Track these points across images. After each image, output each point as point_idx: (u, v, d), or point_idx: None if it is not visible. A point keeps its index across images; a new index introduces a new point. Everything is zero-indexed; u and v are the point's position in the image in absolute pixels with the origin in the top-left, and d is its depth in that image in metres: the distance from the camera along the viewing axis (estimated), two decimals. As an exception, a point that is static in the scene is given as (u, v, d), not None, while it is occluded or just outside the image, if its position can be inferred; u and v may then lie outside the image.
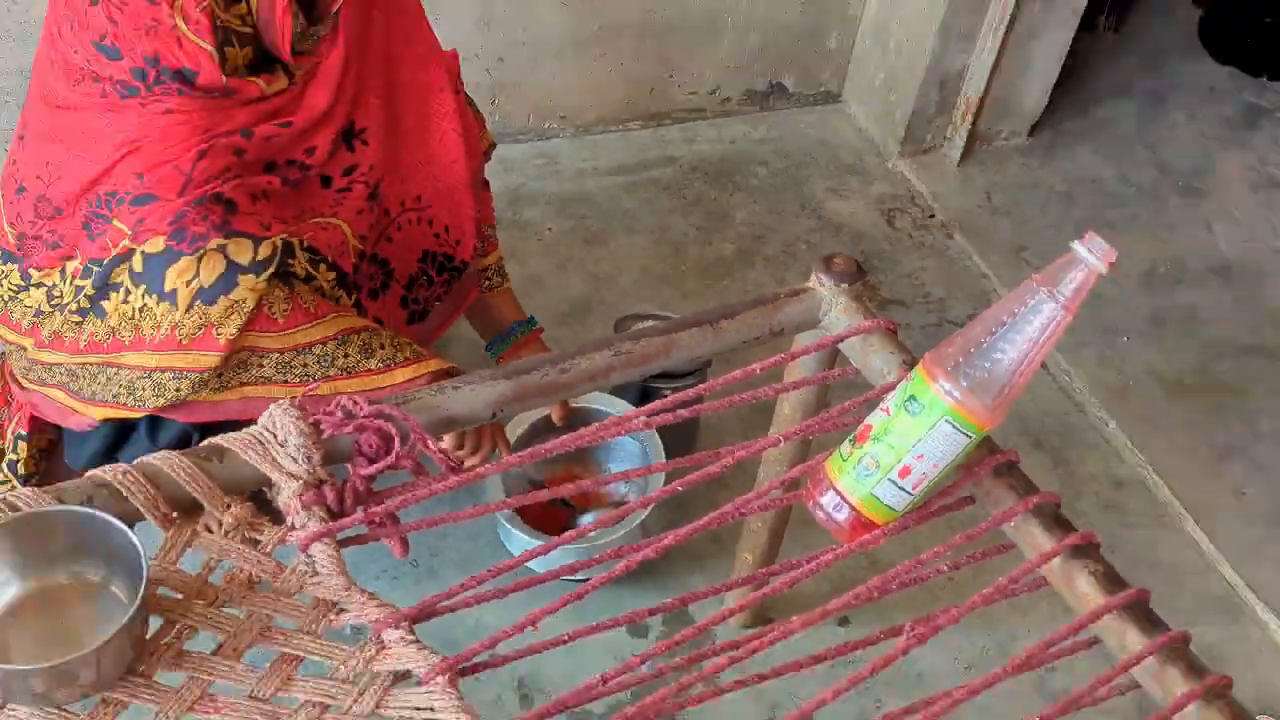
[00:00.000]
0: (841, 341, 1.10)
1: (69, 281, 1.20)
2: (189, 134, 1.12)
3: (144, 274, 1.14)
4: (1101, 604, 0.88)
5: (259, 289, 1.14)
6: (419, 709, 0.78)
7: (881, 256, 2.00)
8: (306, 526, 0.88)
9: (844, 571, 1.06)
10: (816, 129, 2.26)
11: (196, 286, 1.12)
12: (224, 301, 1.13)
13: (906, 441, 0.90)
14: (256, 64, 1.18)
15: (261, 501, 0.92)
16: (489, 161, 1.52)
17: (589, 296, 1.87)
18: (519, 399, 1.04)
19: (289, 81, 1.19)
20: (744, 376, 1.05)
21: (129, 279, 1.16)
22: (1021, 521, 0.95)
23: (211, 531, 0.89)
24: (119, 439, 1.26)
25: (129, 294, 1.17)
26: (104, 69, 1.11)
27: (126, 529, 0.80)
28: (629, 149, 2.15)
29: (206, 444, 0.92)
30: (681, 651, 0.88)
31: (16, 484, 1.33)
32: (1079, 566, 0.91)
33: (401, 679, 0.80)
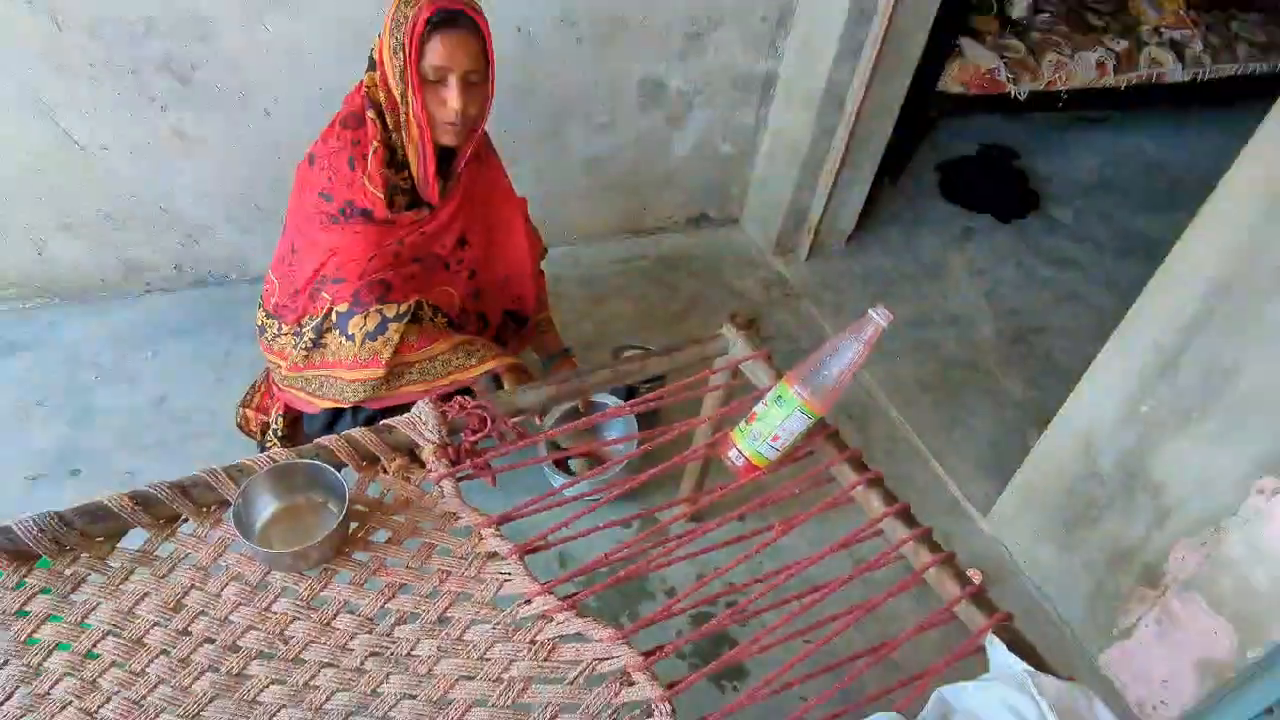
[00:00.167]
0: (740, 363, 1.39)
1: (303, 330, 1.49)
2: (366, 245, 1.42)
3: (338, 324, 1.45)
4: (883, 511, 1.14)
5: (399, 329, 1.44)
6: (502, 573, 1.02)
7: (762, 312, 2.48)
8: (438, 470, 1.11)
9: (741, 493, 1.19)
10: (727, 240, 2.77)
11: (365, 331, 1.43)
12: (382, 339, 1.43)
13: (775, 421, 1.12)
14: (409, 204, 1.47)
15: (413, 456, 1.14)
16: (543, 259, 1.83)
17: (598, 335, 2.28)
18: (558, 397, 1.30)
19: (428, 211, 1.49)
20: (685, 384, 1.34)
21: (333, 327, 1.46)
22: (839, 466, 1.21)
23: (385, 473, 1.12)
24: (334, 418, 1.56)
25: (333, 336, 1.46)
26: (323, 207, 1.41)
27: (336, 471, 1.05)
28: (621, 250, 2.63)
29: (382, 423, 1.15)
30: (650, 539, 1.10)
31: (278, 444, 1.62)
32: (872, 491, 1.17)
33: (492, 557, 1.04)
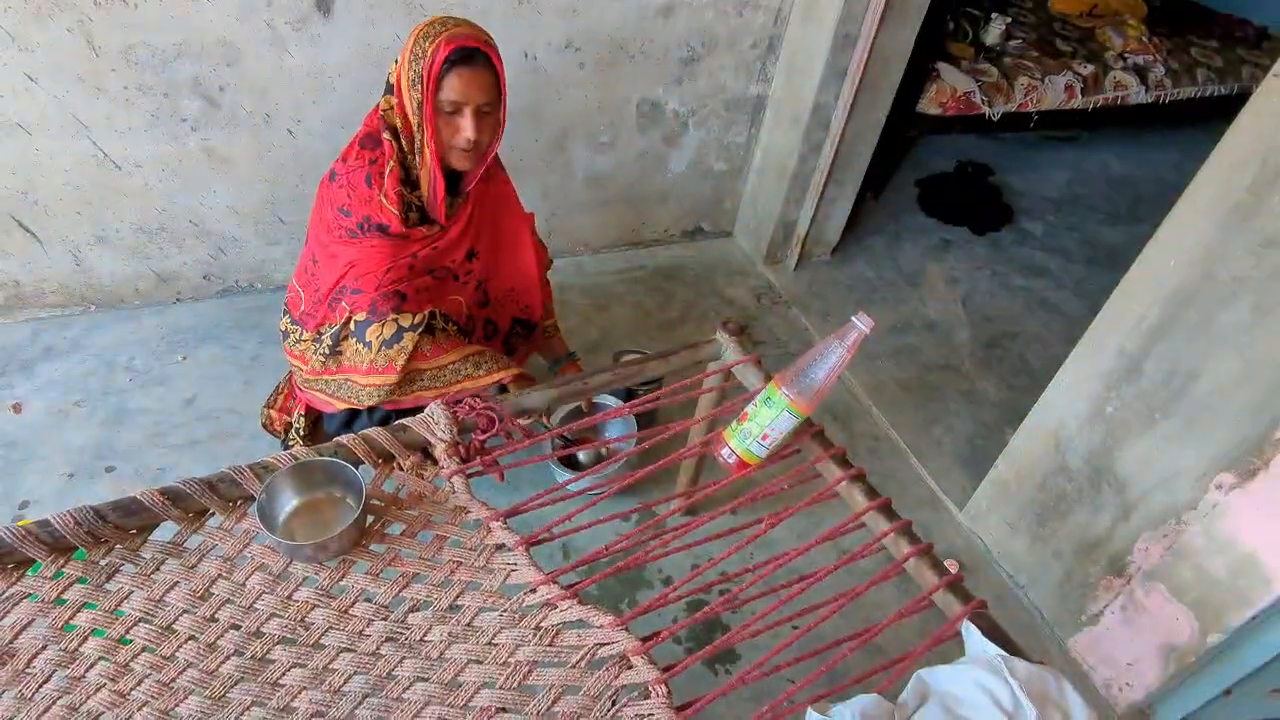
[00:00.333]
0: (732, 367, 1.39)
1: (323, 336, 1.50)
2: (382, 258, 1.43)
3: (356, 332, 1.45)
4: (866, 506, 1.15)
5: (414, 339, 1.43)
6: (509, 564, 1.03)
7: (753, 319, 2.48)
8: (449, 467, 1.12)
9: (733, 488, 1.21)
10: (719, 251, 2.76)
11: (381, 339, 1.43)
12: (397, 347, 1.43)
13: (765, 421, 1.13)
14: (421, 220, 1.48)
15: (426, 453, 1.15)
16: (549, 269, 1.83)
17: (600, 339, 2.28)
18: (562, 398, 1.31)
19: (439, 228, 1.49)
20: (681, 386, 1.33)
21: (351, 335, 1.46)
22: (825, 463, 1.22)
23: (400, 469, 1.13)
24: (352, 417, 1.56)
25: (351, 343, 1.46)
26: (342, 222, 1.41)
27: (354, 468, 1.06)
28: (621, 261, 2.62)
29: (397, 422, 1.16)
30: (648, 531, 1.12)
31: (300, 442, 1.63)
32: (855, 486, 1.18)
33: (500, 548, 1.05)
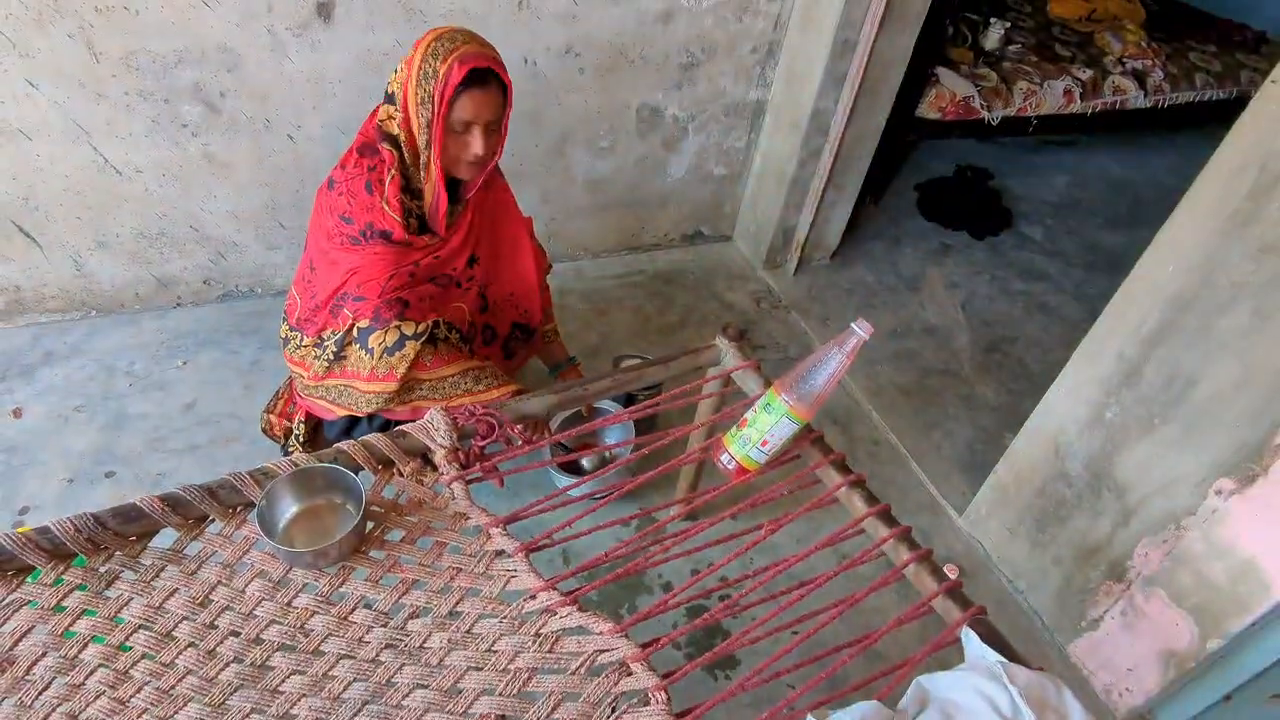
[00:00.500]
0: (732, 373, 1.38)
1: (325, 342, 1.49)
2: (385, 265, 1.42)
3: (359, 338, 1.44)
4: (865, 512, 1.14)
5: (415, 347, 1.42)
6: (509, 570, 1.03)
7: (752, 323, 2.48)
8: (449, 473, 1.12)
9: (733, 494, 1.21)
10: (719, 255, 2.76)
11: (384, 346, 1.42)
12: (398, 355, 1.42)
13: (764, 427, 1.12)
14: (422, 228, 1.48)
15: (426, 459, 1.15)
16: (548, 273, 1.82)
17: (600, 344, 2.28)
18: (562, 404, 1.30)
19: (440, 237, 1.49)
20: (680, 391, 1.35)
21: (354, 341, 1.45)
22: (825, 469, 1.21)
23: (400, 476, 1.12)
24: (352, 423, 1.55)
25: (354, 349, 1.46)
26: (344, 229, 1.40)
27: (353, 475, 1.05)
28: (621, 265, 2.62)
29: (397, 428, 1.16)
30: (648, 537, 1.11)
31: (300, 448, 1.62)
32: (855, 492, 1.17)
33: (500, 555, 1.04)
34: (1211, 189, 1.32)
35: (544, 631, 0.97)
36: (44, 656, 0.90)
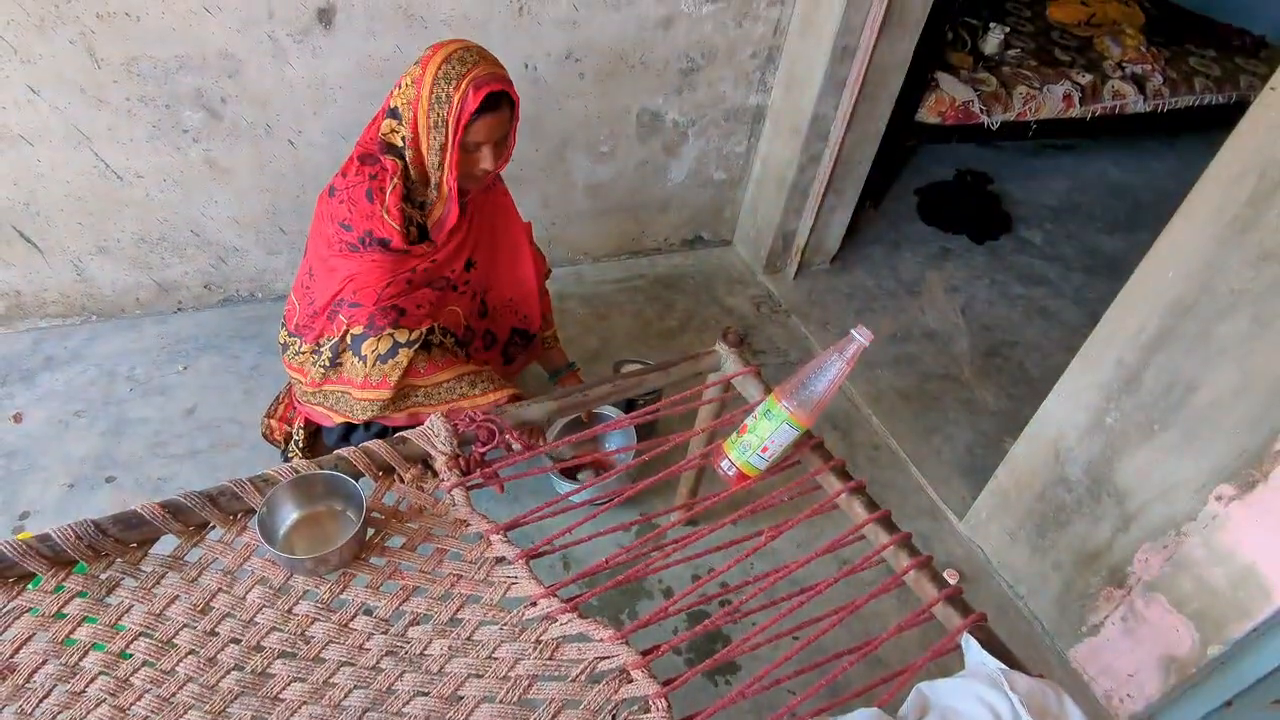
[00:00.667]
0: (732, 379, 1.39)
1: (322, 349, 1.50)
2: (381, 273, 1.42)
3: (352, 345, 1.45)
4: (866, 518, 1.15)
5: (408, 355, 1.43)
6: (509, 577, 1.02)
7: (753, 328, 2.48)
8: (450, 479, 1.12)
9: (733, 499, 1.23)
10: (719, 260, 2.76)
11: (376, 354, 1.43)
12: (391, 362, 1.43)
13: (765, 433, 1.13)
14: (421, 236, 1.48)
15: (426, 466, 1.15)
16: (547, 278, 1.83)
17: (600, 348, 2.29)
18: (562, 410, 1.31)
19: (436, 245, 1.49)
20: (681, 397, 1.34)
21: (348, 348, 1.46)
22: (825, 475, 1.21)
23: (401, 482, 1.13)
24: (350, 430, 1.56)
25: (348, 356, 1.46)
26: (342, 236, 1.41)
27: (354, 481, 1.06)
28: (621, 270, 2.63)
29: (397, 435, 1.15)
30: (649, 543, 1.11)
31: (299, 454, 1.63)
32: (855, 499, 1.18)
33: (500, 561, 1.04)
34: (1211, 195, 1.32)
35: (544, 638, 0.97)
36: (45, 664, 0.90)
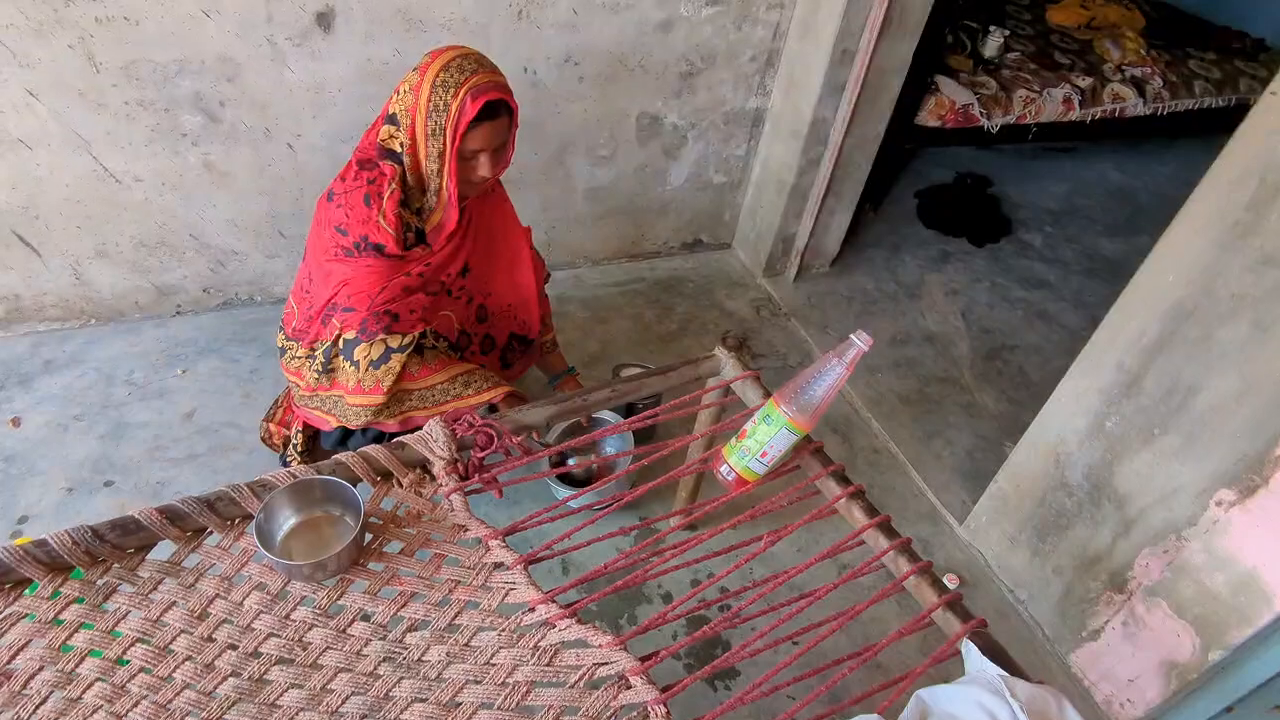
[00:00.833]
0: (731, 384, 1.39)
1: (316, 353, 1.50)
2: (377, 278, 1.42)
3: (344, 350, 1.45)
4: (866, 523, 1.15)
5: (401, 360, 1.43)
6: (507, 583, 1.03)
7: (752, 331, 2.48)
8: (448, 484, 1.12)
9: (733, 504, 1.22)
10: (719, 263, 2.76)
11: (369, 360, 1.43)
12: (384, 368, 1.43)
13: (764, 438, 1.13)
14: (419, 241, 1.48)
15: (425, 470, 1.15)
16: (547, 282, 1.84)
17: (600, 352, 2.29)
18: (561, 415, 1.31)
19: (431, 250, 1.49)
20: (680, 402, 1.33)
21: (340, 353, 1.46)
22: (825, 479, 1.22)
23: (399, 487, 1.13)
24: (347, 434, 1.56)
25: (341, 361, 1.47)
26: (338, 240, 1.41)
27: (351, 486, 1.06)
28: (621, 273, 2.63)
29: (395, 440, 1.15)
30: (648, 548, 1.11)
31: (298, 458, 1.63)
32: (855, 503, 1.18)
33: (498, 567, 1.05)
34: (1211, 200, 1.32)
35: (543, 644, 0.97)
36: (41, 670, 0.89)
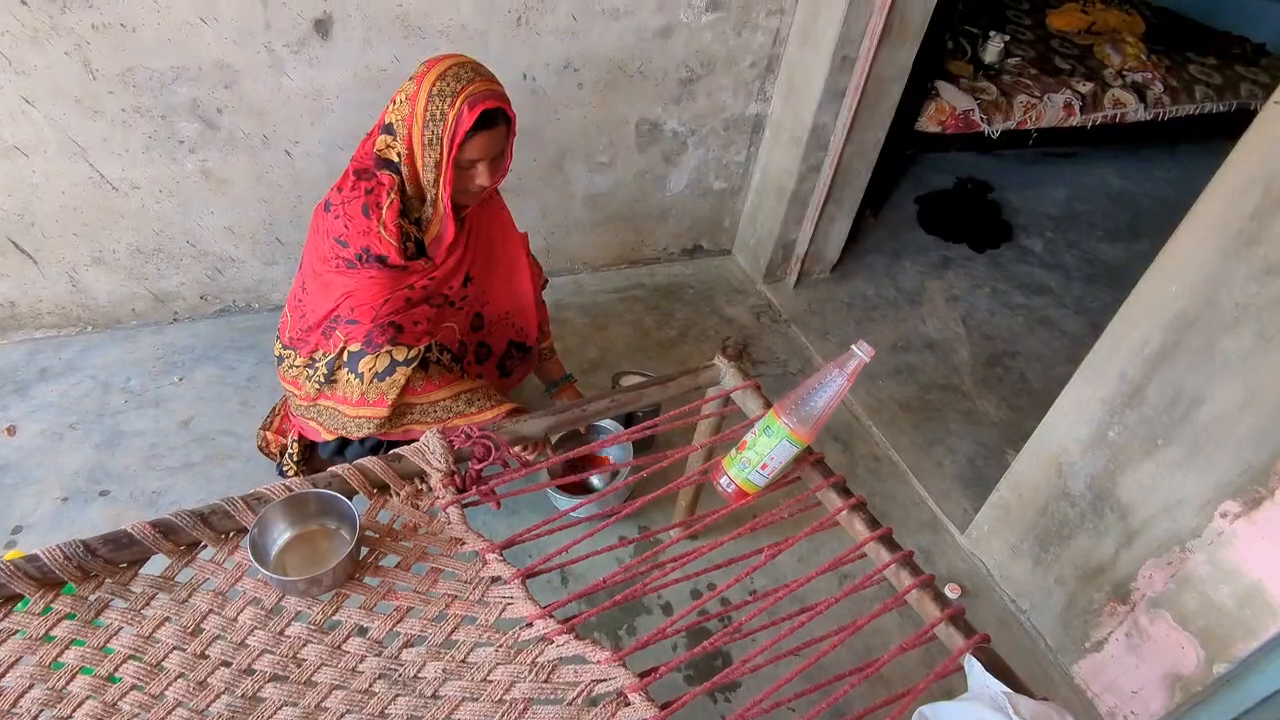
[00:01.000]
0: (731, 393, 1.37)
1: (316, 364, 1.48)
2: (379, 289, 1.41)
3: (349, 362, 1.44)
4: (867, 536, 1.14)
5: (406, 374, 1.42)
6: (505, 597, 1.01)
7: (752, 338, 2.46)
8: (445, 497, 1.11)
9: (733, 515, 1.21)
10: (719, 269, 2.76)
11: (374, 372, 1.42)
12: (389, 380, 1.41)
13: (764, 450, 1.12)
14: (419, 252, 1.47)
15: (422, 482, 1.13)
16: (544, 288, 1.84)
17: (599, 359, 2.28)
18: (560, 425, 1.30)
19: (434, 264, 1.48)
20: (680, 412, 1.32)
21: (344, 365, 1.45)
22: (825, 491, 1.20)
23: (396, 499, 1.11)
24: (345, 443, 1.55)
25: (344, 373, 1.45)
26: (339, 252, 1.40)
27: (347, 500, 1.04)
28: (620, 279, 2.62)
29: (391, 452, 1.14)
30: (648, 560, 1.09)
31: (294, 468, 1.62)
32: (856, 515, 1.17)
33: (496, 580, 1.03)
34: (1214, 208, 1.31)
35: (540, 660, 0.96)
36: (31, 688, 0.88)
